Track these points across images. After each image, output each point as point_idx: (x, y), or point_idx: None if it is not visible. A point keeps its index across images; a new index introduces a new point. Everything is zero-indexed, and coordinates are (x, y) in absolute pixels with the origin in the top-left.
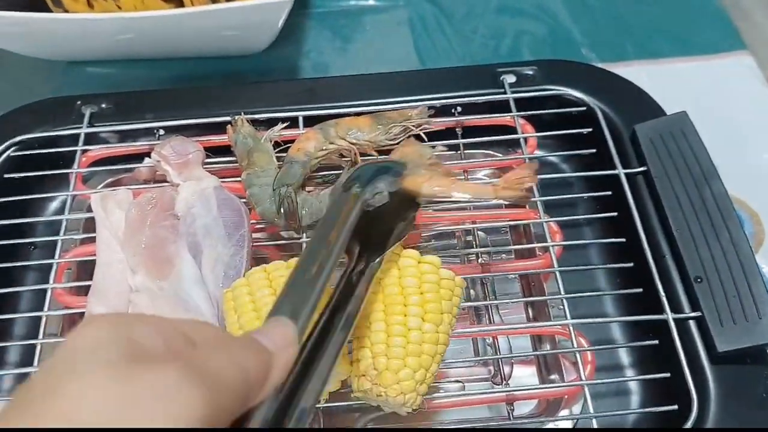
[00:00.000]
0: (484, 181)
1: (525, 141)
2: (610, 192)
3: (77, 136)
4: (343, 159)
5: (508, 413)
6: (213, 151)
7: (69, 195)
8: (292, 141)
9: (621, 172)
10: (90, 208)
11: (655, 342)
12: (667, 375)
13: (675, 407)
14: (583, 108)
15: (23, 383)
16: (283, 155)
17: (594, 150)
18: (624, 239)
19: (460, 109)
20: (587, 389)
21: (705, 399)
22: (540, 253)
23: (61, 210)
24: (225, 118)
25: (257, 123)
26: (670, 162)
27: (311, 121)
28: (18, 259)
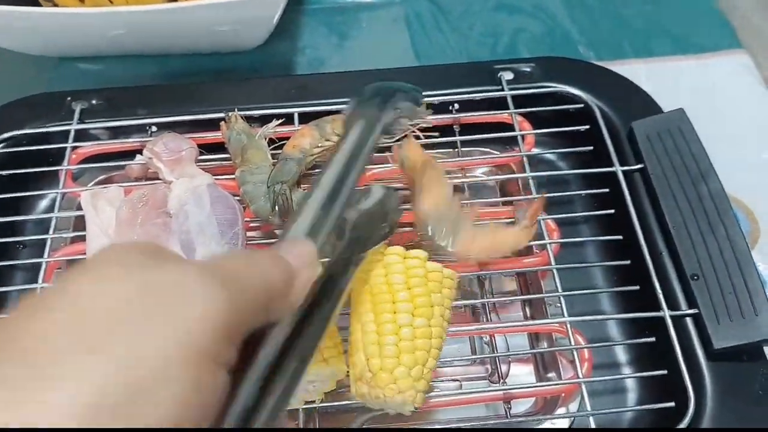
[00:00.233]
0: (513, 230)
1: (522, 138)
2: (607, 189)
3: (67, 132)
4: None
5: (505, 411)
6: (206, 148)
7: (59, 193)
8: (287, 138)
9: (618, 169)
10: (80, 206)
11: (652, 339)
12: (664, 372)
13: (672, 404)
14: (581, 105)
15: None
16: (278, 152)
17: (591, 147)
18: (621, 237)
19: (457, 107)
20: (584, 387)
21: (702, 396)
22: (537, 251)
23: (51, 208)
24: (219, 114)
25: (252, 120)
26: (666, 159)
27: (307, 118)
28: (6, 258)
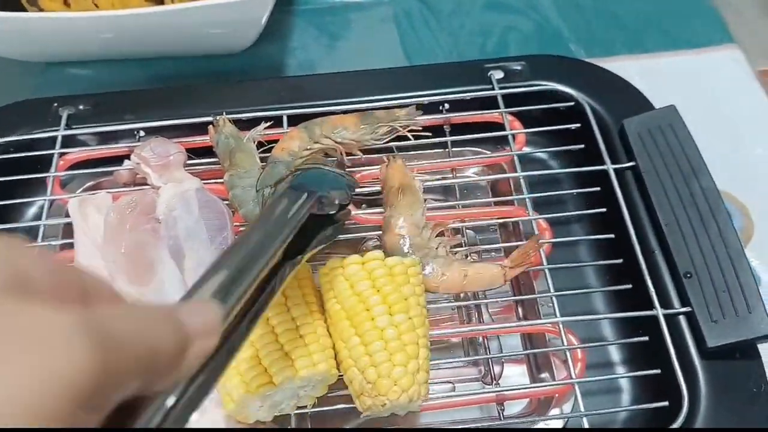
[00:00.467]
0: (491, 265)
1: (513, 138)
2: (599, 188)
3: (54, 138)
4: (329, 159)
5: (498, 413)
6: (195, 153)
7: (46, 200)
8: (275, 141)
9: (610, 167)
10: (69, 213)
11: (645, 338)
12: (658, 371)
13: (666, 404)
14: (572, 103)
15: None
16: (267, 155)
17: (583, 146)
18: (613, 235)
19: (447, 106)
20: (578, 388)
21: (695, 395)
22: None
23: (39, 215)
24: (207, 118)
25: (240, 123)
26: (658, 156)
27: (295, 120)
28: None
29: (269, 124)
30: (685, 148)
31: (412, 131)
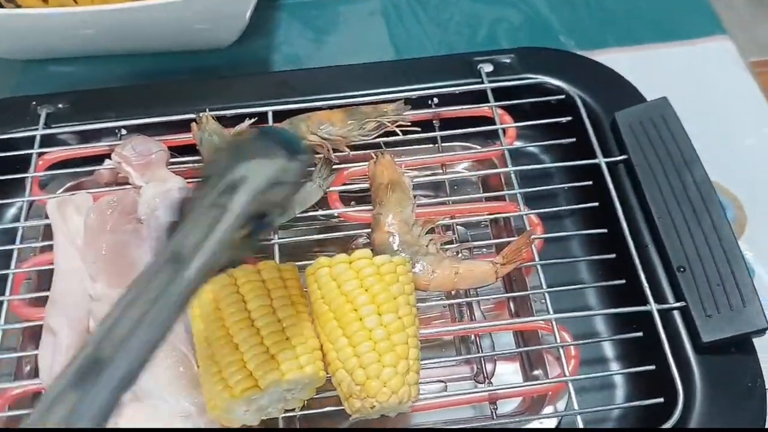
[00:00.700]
0: (482, 262)
1: (504, 132)
2: (590, 182)
3: (33, 138)
4: (316, 155)
5: (491, 412)
6: (178, 151)
7: (25, 201)
8: None
9: (602, 161)
10: (48, 214)
11: (639, 334)
12: (652, 367)
13: (661, 400)
14: (562, 96)
15: None
16: None
17: (574, 139)
18: (606, 230)
19: (436, 101)
20: (571, 385)
21: (691, 390)
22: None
23: (18, 217)
24: (190, 115)
25: (224, 120)
26: (650, 149)
27: (281, 116)
28: None
29: (254, 120)
30: (678, 140)
31: (400, 126)
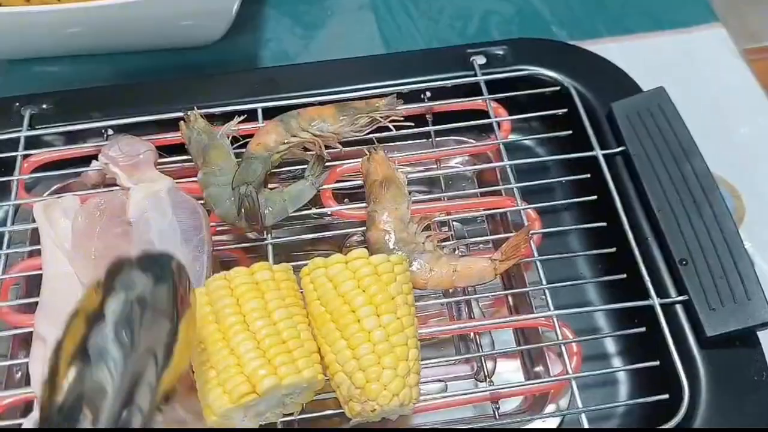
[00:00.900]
0: (480, 259)
1: (498, 125)
2: (588, 175)
3: (17, 140)
4: (308, 153)
5: (493, 411)
6: (166, 150)
7: (11, 205)
8: (250, 136)
9: (599, 153)
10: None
11: (642, 329)
12: (656, 363)
13: (666, 396)
14: (557, 88)
15: None
16: (242, 151)
17: (570, 131)
18: (605, 223)
19: (429, 95)
20: (574, 383)
21: (696, 386)
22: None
23: (4, 221)
24: (178, 113)
25: (213, 118)
26: (648, 140)
27: (271, 113)
28: None
29: (243, 118)
30: (676, 130)
31: (393, 121)
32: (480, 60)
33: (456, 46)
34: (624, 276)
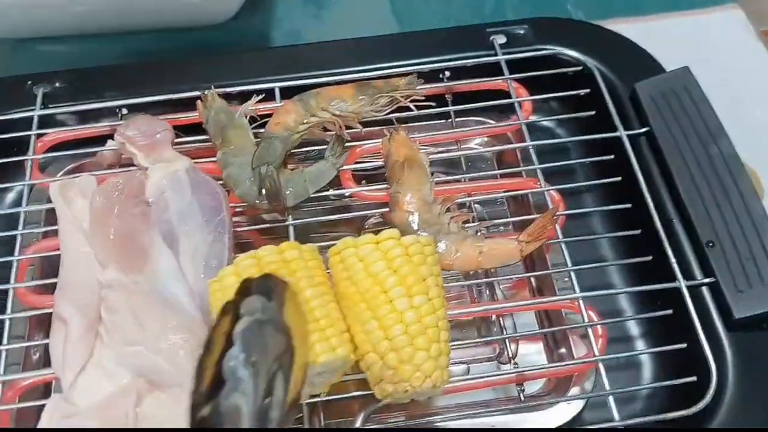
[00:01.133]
0: (506, 241)
1: (520, 105)
2: (612, 156)
3: (30, 119)
4: (327, 132)
5: (518, 394)
6: (182, 130)
7: (26, 185)
8: (269, 115)
9: (623, 134)
10: (50, 198)
11: (669, 312)
12: (683, 346)
13: (694, 378)
14: (580, 68)
15: None
16: (261, 131)
17: (593, 112)
18: (630, 205)
19: (448, 74)
20: (602, 365)
21: (723, 368)
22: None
23: (18, 201)
24: (194, 93)
25: (230, 97)
26: (674, 121)
27: (289, 93)
28: None
29: (261, 97)
30: (702, 111)
31: (414, 101)
32: (500, 39)
33: (476, 25)
34: (650, 258)
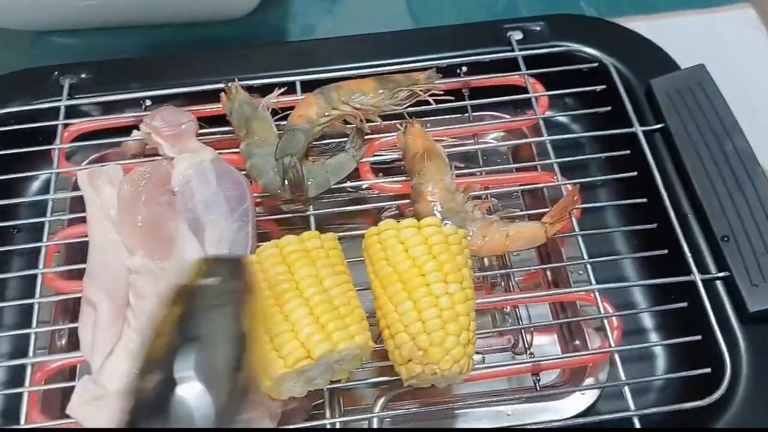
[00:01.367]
0: (531, 223)
1: (536, 101)
2: (627, 151)
3: (57, 109)
4: (348, 126)
5: (534, 384)
6: (205, 121)
7: (53, 173)
8: (290, 108)
9: (638, 129)
10: (76, 185)
11: (684, 304)
12: (698, 338)
13: (708, 370)
14: (595, 64)
15: None
16: (282, 123)
17: (610, 108)
18: (646, 199)
19: (465, 69)
20: (617, 356)
21: (737, 361)
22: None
23: (45, 189)
24: (217, 85)
25: (251, 90)
26: (689, 117)
27: (309, 86)
28: (0, 244)
29: (283, 90)
30: (717, 108)
31: (433, 95)
32: (517, 35)
33: (492, 21)
34: (666, 251)
